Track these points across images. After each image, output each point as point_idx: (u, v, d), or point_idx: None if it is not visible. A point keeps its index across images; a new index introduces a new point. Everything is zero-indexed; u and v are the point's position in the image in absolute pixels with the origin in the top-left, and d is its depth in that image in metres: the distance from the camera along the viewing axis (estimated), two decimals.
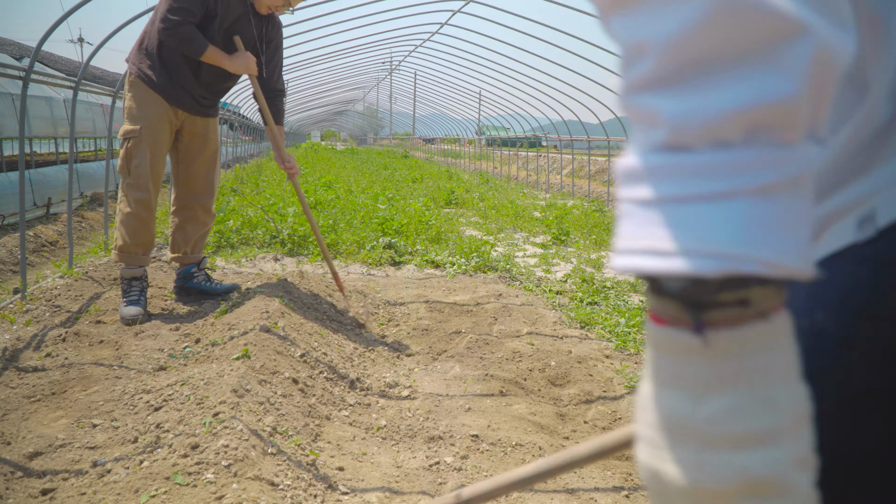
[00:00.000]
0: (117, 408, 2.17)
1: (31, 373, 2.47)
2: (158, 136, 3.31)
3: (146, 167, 3.26)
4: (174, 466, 1.72)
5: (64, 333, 2.92)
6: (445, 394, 2.63)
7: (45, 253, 5.95)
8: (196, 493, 1.62)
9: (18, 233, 4.53)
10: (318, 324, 3.28)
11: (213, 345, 2.77)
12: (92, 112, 10.09)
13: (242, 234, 5.84)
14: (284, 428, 2.04)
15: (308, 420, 2.20)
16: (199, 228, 3.60)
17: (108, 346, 2.86)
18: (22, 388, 2.31)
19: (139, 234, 3.30)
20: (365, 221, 6.51)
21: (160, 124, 3.31)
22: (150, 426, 2.00)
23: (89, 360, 2.64)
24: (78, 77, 4.72)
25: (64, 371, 2.48)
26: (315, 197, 7.76)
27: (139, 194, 3.27)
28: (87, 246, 6.19)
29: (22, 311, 3.33)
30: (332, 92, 20.50)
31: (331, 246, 5.60)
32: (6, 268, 5.11)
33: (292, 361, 2.58)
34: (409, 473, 1.95)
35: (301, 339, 2.92)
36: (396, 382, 2.71)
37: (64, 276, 4.22)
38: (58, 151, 10.02)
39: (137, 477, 1.71)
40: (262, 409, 2.11)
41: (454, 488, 1.87)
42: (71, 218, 4.56)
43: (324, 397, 2.44)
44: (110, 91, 5.80)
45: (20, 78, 3.78)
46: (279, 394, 2.27)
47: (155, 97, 3.28)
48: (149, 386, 2.32)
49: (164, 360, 2.69)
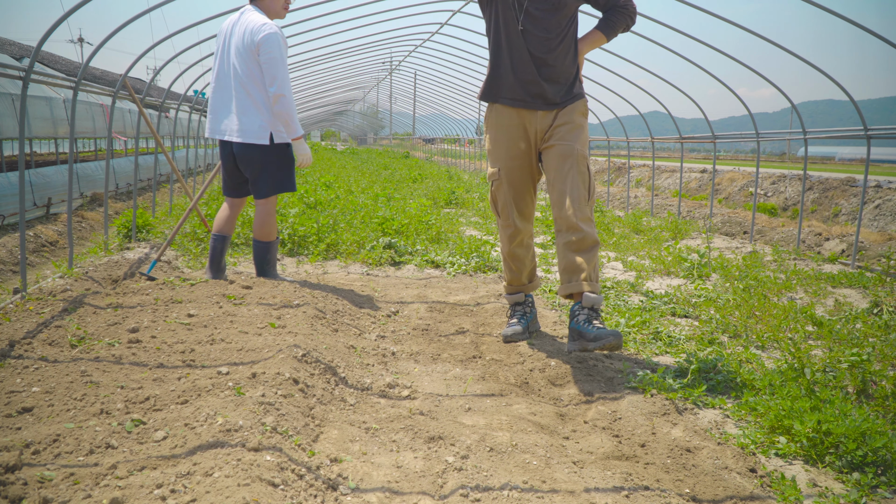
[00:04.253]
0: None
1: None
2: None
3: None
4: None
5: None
6: (445, 394, 2.63)
7: (45, 253, 5.95)
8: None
9: (18, 233, 4.53)
10: (317, 324, 3.28)
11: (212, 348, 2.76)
12: (92, 112, 10.09)
13: (242, 233, 5.84)
14: (284, 428, 2.04)
15: (308, 420, 2.20)
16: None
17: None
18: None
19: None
20: (365, 221, 6.51)
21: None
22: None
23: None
24: (78, 77, 4.72)
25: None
26: (315, 197, 7.76)
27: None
28: (87, 246, 6.19)
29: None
30: (333, 92, 20.48)
31: (331, 246, 5.60)
32: (6, 268, 5.11)
33: (293, 362, 2.58)
34: (410, 473, 1.95)
35: (301, 339, 2.92)
36: (396, 382, 2.71)
37: (64, 276, 4.22)
38: (58, 151, 10.03)
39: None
40: (263, 409, 2.11)
41: (454, 488, 1.87)
42: (71, 218, 4.56)
43: (324, 397, 2.44)
44: (110, 91, 5.79)
45: (20, 78, 3.78)
46: (279, 394, 2.27)
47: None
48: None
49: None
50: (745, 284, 4.75)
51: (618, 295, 4.43)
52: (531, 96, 3.06)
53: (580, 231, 2.87)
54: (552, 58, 3.04)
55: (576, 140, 3.01)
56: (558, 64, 3.05)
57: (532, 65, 3.03)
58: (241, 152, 3.92)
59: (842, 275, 5.36)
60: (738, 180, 15.05)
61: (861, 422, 2.21)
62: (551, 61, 3.04)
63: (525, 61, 3.03)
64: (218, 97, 3.95)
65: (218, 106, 3.95)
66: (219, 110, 3.95)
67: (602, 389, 2.73)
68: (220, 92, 3.94)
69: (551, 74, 3.05)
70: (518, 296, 3.38)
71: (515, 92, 3.08)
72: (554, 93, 3.06)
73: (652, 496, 1.88)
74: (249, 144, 3.88)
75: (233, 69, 3.86)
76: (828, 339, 3.47)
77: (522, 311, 3.38)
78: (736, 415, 2.53)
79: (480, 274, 5.02)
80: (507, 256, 3.30)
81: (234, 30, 3.89)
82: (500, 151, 3.15)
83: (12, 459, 1.74)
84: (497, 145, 3.17)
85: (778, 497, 1.92)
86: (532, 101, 3.07)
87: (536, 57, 3.03)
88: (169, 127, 13.53)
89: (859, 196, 10.61)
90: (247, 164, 3.95)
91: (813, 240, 7.60)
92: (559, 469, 2.02)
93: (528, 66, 3.03)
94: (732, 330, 3.66)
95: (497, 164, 3.17)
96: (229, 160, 4.03)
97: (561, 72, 3.06)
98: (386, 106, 45.17)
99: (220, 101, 3.94)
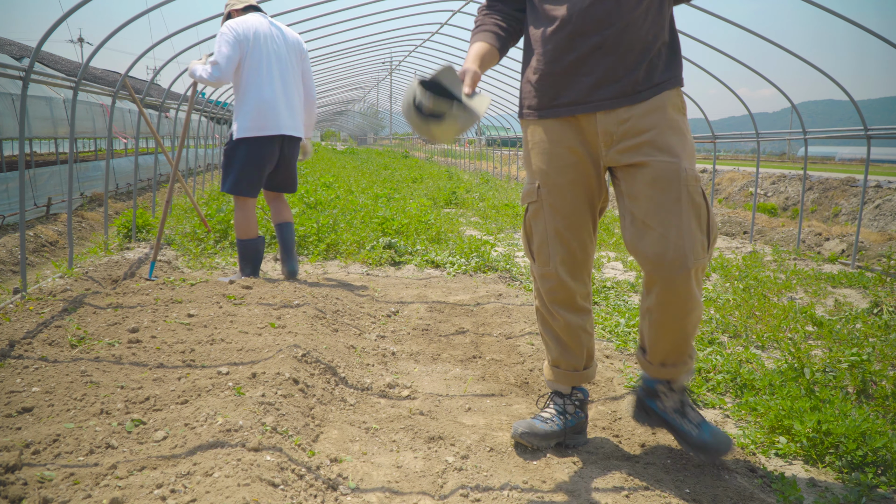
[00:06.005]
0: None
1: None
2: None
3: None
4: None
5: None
6: (445, 394, 2.63)
7: (45, 253, 5.95)
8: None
9: (18, 233, 4.53)
10: (317, 324, 3.28)
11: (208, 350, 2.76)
12: (92, 112, 10.08)
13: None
14: (284, 428, 2.04)
15: (308, 420, 2.20)
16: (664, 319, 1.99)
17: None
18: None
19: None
20: (365, 221, 6.51)
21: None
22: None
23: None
24: (78, 77, 4.72)
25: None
26: (315, 197, 7.76)
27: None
28: (87, 246, 6.19)
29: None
30: (333, 92, 20.49)
31: (331, 246, 5.60)
32: (6, 268, 5.11)
33: (293, 362, 2.58)
34: (410, 474, 1.95)
35: (301, 339, 2.92)
36: (396, 382, 2.70)
37: (64, 276, 4.22)
38: (58, 151, 10.03)
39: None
40: (263, 409, 2.11)
41: (455, 488, 1.87)
42: (71, 218, 4.56)
43: (324, 397, 2.44)
44: (110, 91, 5.79)
45: (20, 78, 3.78)
46: (279, 394, 2.27)
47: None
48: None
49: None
50: (745, 284, 4.75)
51: (618, 295, 4.43)
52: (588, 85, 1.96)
53: (684, 297, 1.90)
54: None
55: (681, 152, 1.91)
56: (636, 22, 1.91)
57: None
58: (292, 147, 4.25)
59: (842, 275, 5.36)
60: (737, 180, 15.05)
61: (861, 422, 2.21)
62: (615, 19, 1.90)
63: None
64: (269, 95, 4.07)
65: (274, 103, 4.10)
66: (276, 107, 4.11)
67: (602, 389, 2.73)
68: (270, 91, 4.07)
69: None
70: (562, 386, 2.24)
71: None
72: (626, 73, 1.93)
73: (652, 496, 1.88)
74: (299, 139, 4.30)
75: (278, 71, 4.10)
76: (828, 339, 3.47)
77: (564, 406, 2.22)
78: (736, 415, 2.53)
79: (480, 274, 5.02)
80: (549, 321, 2.18)
81: (271, 33, 4.12)
82: (540, 159, 2.06)
83: (12, 459, 1.74)
84: (536, 150, 2.07)
85: (778, 497, 1.92)
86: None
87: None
88: (169, 127, 13.53)
89: (859, 196, 10.61)
90: (292, 157, 4.29)
91: (813, 240, 7.60)
92: (559, 469, 2.02)
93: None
94: (732, 330, 3.66)
95: (536, 179, 2.08)
96: (276, 155, 4.21)
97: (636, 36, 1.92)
98: (386, 106, 45.15)
99: (274, 99, 4.09)
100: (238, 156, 4.06)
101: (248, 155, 4.05)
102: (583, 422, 2.22)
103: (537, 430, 2.13)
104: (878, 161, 31.97)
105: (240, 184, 4.07)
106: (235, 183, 4.07)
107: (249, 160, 4.06)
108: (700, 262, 1.88)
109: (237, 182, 4.07)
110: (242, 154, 4.05)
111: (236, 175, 4.07)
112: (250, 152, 4.05)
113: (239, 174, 4.07)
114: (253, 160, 4.07)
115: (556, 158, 2.02)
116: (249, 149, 4.04)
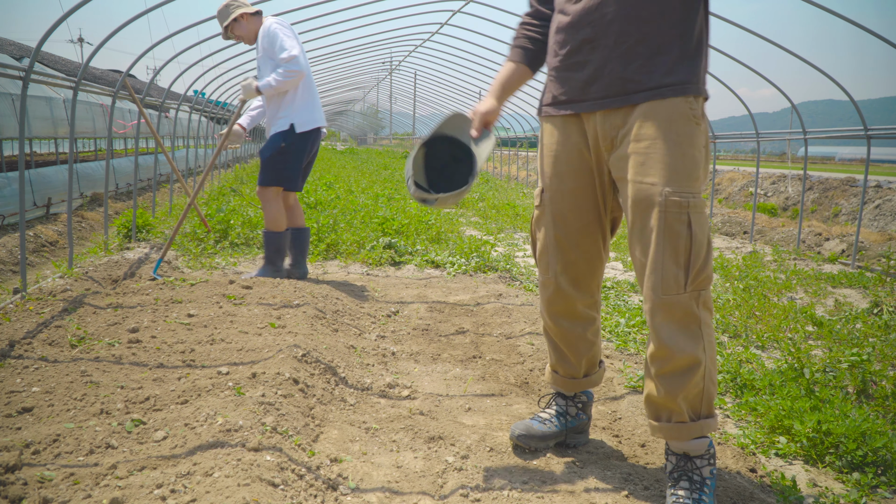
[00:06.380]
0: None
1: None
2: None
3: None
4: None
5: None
6: (445, 394, 2.63)
7: (45, 253, 5.94)
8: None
9: (18, 233, 4.52)
10: (317, 324, 3.28)
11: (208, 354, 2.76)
12: (92, 112, 10.08)
13: (243, 233, 5.84)
14: (284, 428, 2.04)
15: (308, 420, 2.20)
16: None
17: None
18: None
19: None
20: (365, 221, 6.51)
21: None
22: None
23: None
24: (78, 77, 4.72)
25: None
26: (315, 197, 7.76)
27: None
28: (86, 246, 6.19)
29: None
30: (333, 92, 20.49)
31: (331, 246, 5.60)
32: (6, 268, 5.11)
33: (293, 362, 2.58)
34: (410, 473, 1.95)
35: (301, 339, 2.92)
36: (396, 382, 2.71)
37: (64, 276, 4.22)
38: (58, 151, 10.02)
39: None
40: (263, 409, 2.11)
41: (454, 488, 1.87)
42: (71, 218, 4.56)
43: (324, 397, 2.44)
44: (110, 91, 5.79)
45: (20, 78, 3.78)
46: (279, 394, 2.27)
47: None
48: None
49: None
50: (745, 284, 4.75)
51: (618, 295, 4.43)
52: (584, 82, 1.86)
53: (658, 341, 1.72)
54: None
55: (669, 172, 1.70)
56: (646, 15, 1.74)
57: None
58: (319, 138, 4.32)
59: (842, 275, 5.36)
60: (738, 180, 15.05)
61: (861, 422, 2.21)
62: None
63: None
64: (310, 92, 4.18)
65: (314, 99, 4.23)
66: (315, 103, 4.24)
67: (602, 389, 2.73)
68: (310, 87, 4.20)
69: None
70: (563, 389, 2.17)
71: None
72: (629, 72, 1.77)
73: (652, 496, 1.88)
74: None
75: (309, 69, 4.21)
76: (828, 339, 3.47)
77: (566, 408, 2.18)
78: (736, 415, 2.53)
79: (480, 274, 5.02)
80: (547, 328, 2.11)
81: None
82: (547, 162, 1.99)
83: (12, 459, 1.74)
84: (546, 152, 2.00)
85: (778, 497, 1.92)
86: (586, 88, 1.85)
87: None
88: (169, 127, 13.53)
89: (859, 196, 10.60)
90: (316, 148, 4.37)
91: (813, 240, 7.60)
92: (559, 469, 2.02)
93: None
94: (732, 330, 3.66)
95: (541, 183, 2.02)
96: (317, 145, 4.31)
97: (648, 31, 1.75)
98: (386, 106, 45.18)
99: (313, 96, 4.21)
100: (294, 150, 4.13)
101: (303, 148, 4.16)
102: (585, 423, 2.20)
103: (534, 432, 2.12)
104: (878, 161, 31.97)
105: (294, 179, 4.21)
106: (289, 178, 4.17)
107: (299, 153, 4.16)
108: (671, 298, 1.67)
109: (291, 177, 4.18)
110: (300, 147, 4.14)
111: (291, 170, 4.15)
112: (305, 145, 4.15)
113: (293, 169, 4.16)
114: (303, 153, 4.18)
115: (563, 162, 1.93)
116: (305, 142, 4.15)
